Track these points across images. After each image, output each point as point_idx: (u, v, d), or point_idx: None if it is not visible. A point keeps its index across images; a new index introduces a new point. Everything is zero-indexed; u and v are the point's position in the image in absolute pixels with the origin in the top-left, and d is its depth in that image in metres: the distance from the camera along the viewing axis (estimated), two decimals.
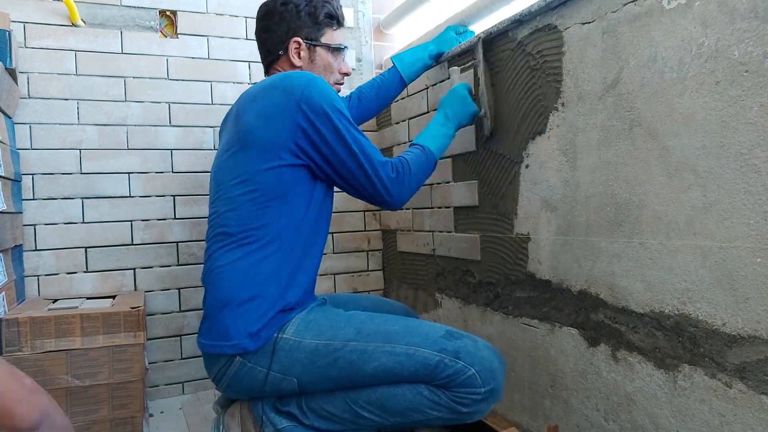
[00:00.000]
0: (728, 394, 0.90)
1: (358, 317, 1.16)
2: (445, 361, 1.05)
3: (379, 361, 1.07)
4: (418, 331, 1.10)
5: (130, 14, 1.81)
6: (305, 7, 1.30)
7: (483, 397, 1.05)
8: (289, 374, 1.11)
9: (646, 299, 1.04)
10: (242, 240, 1.15)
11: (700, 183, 0.92)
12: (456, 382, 1.05)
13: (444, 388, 1.06)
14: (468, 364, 1.05)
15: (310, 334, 1.12)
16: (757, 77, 0.83)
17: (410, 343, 1.08)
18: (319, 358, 1.09)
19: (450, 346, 1.07)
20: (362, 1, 2.18)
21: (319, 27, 1.32)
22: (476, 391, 1.05)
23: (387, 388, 1.09)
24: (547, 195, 1.26)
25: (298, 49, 1.31)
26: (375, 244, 2.17)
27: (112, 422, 1.39)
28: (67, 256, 1.72)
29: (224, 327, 1.12)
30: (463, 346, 1.07)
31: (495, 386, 1.06)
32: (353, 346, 1.09)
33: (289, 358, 1.10)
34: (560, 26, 1.20)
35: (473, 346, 1.08)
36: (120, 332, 1.40)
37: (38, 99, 1.69)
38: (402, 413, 1.08)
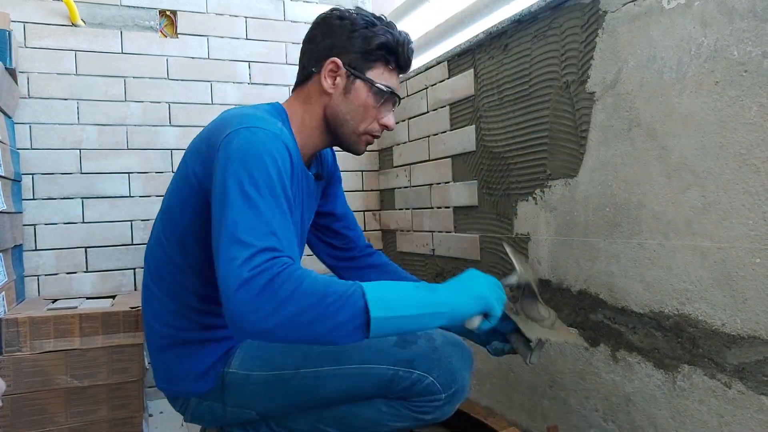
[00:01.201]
0: (727, 394, 0.90)
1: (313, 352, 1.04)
2: (399, 374, 0.98)
3: (331, 386, 1.00)
4: (368, 344, 0.95)
5: (130, 14, 1.81)
6: (362, 30, 1.02)
7: (445, 402, 0.99)
8: (246, 407, 1.05)
9: (646, 299, 1.03)
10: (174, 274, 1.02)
11: (699, 183, 0.92)
12: (413, 392, 0.98)
13: (402, 399, 1.00)
14: (424, 371, 0.97)
15: (257, 363, 1.02)
16: (756, 77, 0.83)
17: (361, 361, 0.99)
18: (271, 388, 1.02)
19: (403, 355, 0.98)
20: (362, 1, 2.18)
21: (368, 56, 1.03)
22: (437, 398, 0.99)
23: (347, 407, 1.03)
24: (547, 195, 1.26)
25: (334, 72, 1.02)
26: (375, 244, 2.17)
27: (111, 422, 1.39)
28: (66, 256, 1.72)
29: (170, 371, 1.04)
30: (417, 351, 0.98)
31: (457, 387, 0.99)
32: (304, 373, 1.01)
33: (241, 393, 1.03)
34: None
35: (429, 349, 0.99)
36: (119, 332, 1.40)
37: (38, 99, 1.69)
38: (365, 428, 1.04)
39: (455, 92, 1.60)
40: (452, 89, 1.62)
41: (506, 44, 1.38)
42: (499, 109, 1.41)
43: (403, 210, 1.95)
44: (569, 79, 1.18)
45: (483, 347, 1.11)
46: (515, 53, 1.35)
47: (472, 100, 1.52)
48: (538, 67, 1.27)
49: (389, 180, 2.06)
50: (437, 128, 1.70)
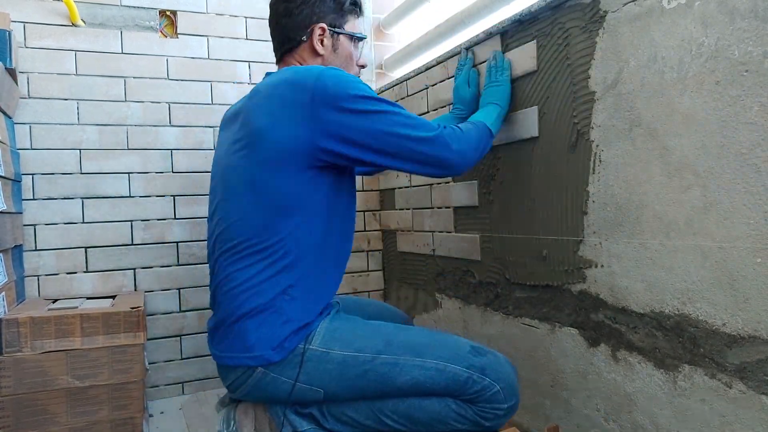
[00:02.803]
0: (728, 394, 0.90)
1: (386, 328, 1.14)
2: (473, 378, 1.07)
3: (410, 375, 1.07)
4: (445, 345, 1.11)
5: (130, 14, 1.81)
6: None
7: (505, 412, 1.08)
8: (315, 385, 1.08)
9: (647, 299, 1.03)
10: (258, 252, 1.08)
11: (700, 183, 0.92)
12: (483, 397, 1.07)
13: (471, 402, 1.08)
14: (493, 380, 1.07)
15: (337, 344, 1.08)
16: (757, 77, 0.83)
17: (440, 358, 1.08)
18: (348, 369, 1.07)
19: (477, 363, 1.08)
20: (362, 1, 2.17)
21: (343, 14, 1.24)
22: (500, 407, 1.08)
23: (416, 399, 1.09)
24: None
25: (321, 36, 1.21)
26: (375, 244, 2.17)
27: (112, 423, 1.39)
28: (67, 256, 1.72)
29: (243, 338, 1.07)
30: (488, 362, 1.09)
31: (515, 402, 1.09)
32: (384, 359, 1.07)
33: (316, 370, 1.07)
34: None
35: (497, 363, 1.10)
36: (120, 332, 1.40)
37: (38, 99, 1.69)
38: (427, 423, 1.10)
39: None
40: (452, 89, 1.61)
41: (507, 44, 1.38)
42: None
43: (404, 210, 1.95)
44: (570, 80, 1.18)
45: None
46: (515, 53, 1.35)
47: None
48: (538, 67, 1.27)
49: (389, 180, 2.07)
50: None
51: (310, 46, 1.22)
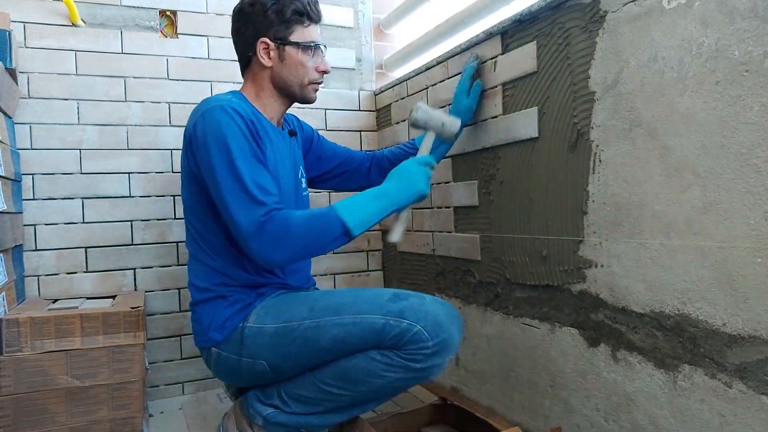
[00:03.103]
0: (728, 394, 0.90)
1: (313, 296, 1.22)
2: (390, 323, 1.09)
3: (330, 333, 1.12)
4: (365, 299, 1.15)
5: (130, 14, 1.81)
6: (272, 6, 1.26)
7: (434, 351, 1.08)
8: (257, 358, 1.19)
9: (646, 299, 1.03)
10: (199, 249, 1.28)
11: (700, 183, 0.92)
12: (404, 340, 1.09)
13: (394, 348, 1.10)
14: (413, 321, 1.09)
15: (269, 318, 1.19)
16: (757, 77, 0.83)
17: (357, 311, 1.12)
18: (280, 339, 1.16)
19: (395, 308, 1.11)
20: (362, 1, 2.18)
21: (287, 25, 1.27)
22: (425, 346, 1.08)
23: (344, 361, 1.14)
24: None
25: (266, 49, 1.28)
26: (375, 244, 2.17)
27: (112, 423, 1.39)
28: (67, 256, 1.72)
29: (200, 323, 1.26)
30: (407, 305, 1.11)
31: (445, 337, 1.09)
32: (307, 324, 1.15)
33: (254, 344, 1.18)
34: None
35: (418, 304, 1.11)
36: (120, 332, 1.40)
37: (38, 99, 1.69)
38: (363, 381, 1.12)
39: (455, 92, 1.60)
40: (452, 89, 1.61)
41: (507, 44, 1.38)
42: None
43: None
44: (570, 80, 1.18)
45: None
46: (515, 53, 1.35)
47: None
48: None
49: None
50: None
51: (257, 60, 1.29)
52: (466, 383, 1.62)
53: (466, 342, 1.60)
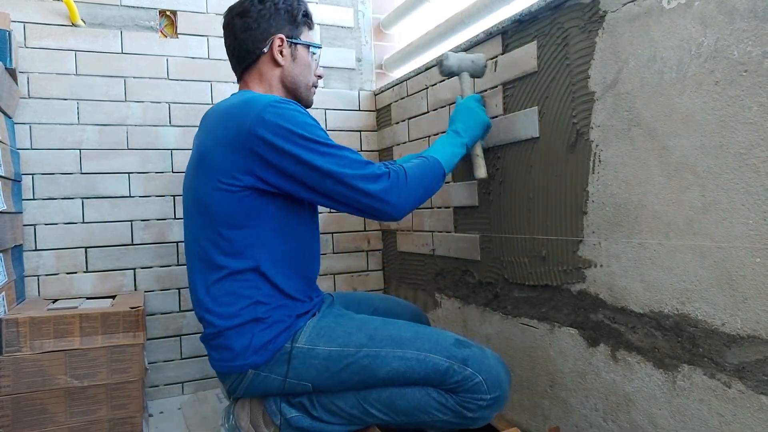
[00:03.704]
0: (727, 394, 0.90)
1: (371, 323, 1.18)
2: (454, 368, 1.09)
3: (390, 366, 1.11)
4: (428, 337, 1.14)
5: (130, 14, 1.81)
6: (282, 5, 1.27)
7: (488, 404, 1.09)
8: (303, 380, 1.14)
9: (646, 299, 1.03)
10: (219, 268, 1.15)
11: (699, 183, 0.92)
12: (464, 387, 1.08)
13: (452, 392, 1.10)
14: (475, 371, 1.08)
15: (323, 341, 1.15)
16: (756, 77, 0.83)
17: (421, 349, 1.11)
18: (333, 363, 1.13)
19: (459, 354, 1.10)
20: (362, 1, 2.18)
21: (297, 25, 1.29)
22: (482, 398, 1.08)
23: (398, 389, 1.12)
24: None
25: (281, 46, 1.27)
26: (375, 244, 2.17)
27: (111, 422, 1.39)
28: (67, 256, 1.72)
29: (229, 348, 1.15)
30: (471, 354, 1.11)
31: (501, 394, 1.09)
32: (366, 352, 1.12)
33: (303, 365, 1.14)
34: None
35: (481, 355, 1.11)
36: (119, 332, 1.40)
37: (38, 99, 1.69)
38: (410, 413, 1.12)
39: (455, 92, 1.60)
40: (452, 89, 1.62)
41: (507, 44, 1.38)
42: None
43: None
44: (570, 80, 1.18)
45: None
46: (515, 53, 1.35)
47: None
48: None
49: None
50: (437, 128, 1.70)
51: (270, 57, 1.27)
52: None
53: None
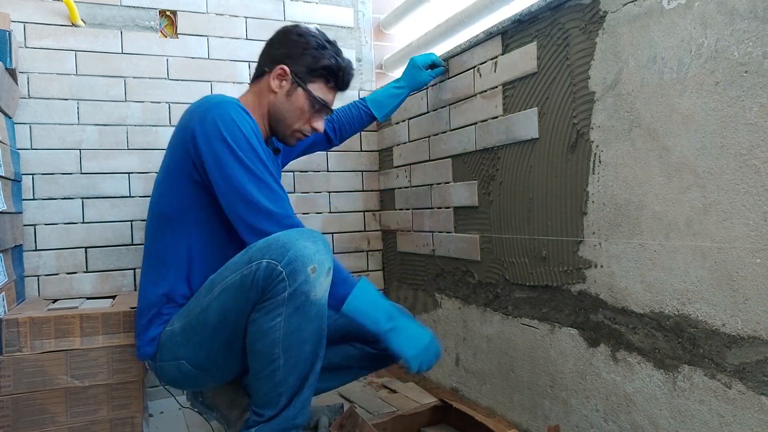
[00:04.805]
0: (728, 394, 0.90)
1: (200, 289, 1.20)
2: (243, 273, 1.07)
3: (212, 310, 1.13)
4: (228, 266, 1.13)
5: (130, 14, 1.81)
6: (314, 51, 1.27)
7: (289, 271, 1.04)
8: (178, 359, 1.19)
9: (646, 300, 1.03)
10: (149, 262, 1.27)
11: (700, 183, 0.92)
12: (261, 281, 1.05)
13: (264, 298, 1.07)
14: (258, 260, 1.06)
15: (177, 318, 1.21)
16: (757, 77, 0.83)
17: (222, 279, 1.12)
18: (186, 334, 1.18)
19: (245, 258, 1.09)
20: (362, 1, 2.18)
21: (313, 73, 1.28)
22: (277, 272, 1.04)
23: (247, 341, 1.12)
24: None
25: (281, 76, 1.27)
26: (375, 245, 2.17)
27: (112, 422, 1.39)
28: (67, 256, 1.72)
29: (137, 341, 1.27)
30: (253, 250, 1.09)
31: (291, 255, 1.04)
32: (197, 311, 1.16)
33: (171, 346, 1.20)
34: None
35: (262, 242, 1.08)
36: (119, 332, 1.40)
37: (38, 99, 1.69)
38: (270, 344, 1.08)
39: (455, 92, 1.60)
40: (452, 89, 1.62)
41: (507, 44, 1.38)
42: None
43: (403, 210, 1.95)
44: (570, 80, 1.18)
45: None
46: (515, 54, 1.35)
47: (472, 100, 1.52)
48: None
49: (389, 180, 2.07)
50: (437, 128, 1.71)
51: (268, 80, 1.28)
52: (466, 384, 1.62)
53: (466, 342, 1.61)
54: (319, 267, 1.06)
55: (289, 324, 1.07)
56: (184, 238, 1.22)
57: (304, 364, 1.11)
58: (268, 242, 1.07)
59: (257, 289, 1.07)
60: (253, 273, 1.06)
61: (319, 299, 1.08)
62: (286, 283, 1.04)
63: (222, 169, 1.13)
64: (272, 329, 1.07)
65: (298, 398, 1.13)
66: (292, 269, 1.04)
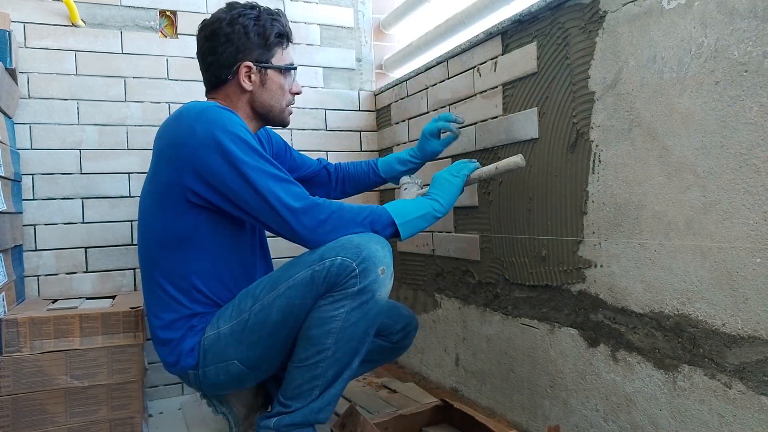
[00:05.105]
0: (728, 394, 0.90)
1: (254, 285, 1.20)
2: (315, 269, 1.09)
3: (275, 307, 1.13)
4: (293, 263, 1.15)
5: (130, 14, 1.81)
6: (254, 28, 1.21)
7: (361, 269, 1.07)
8: (227, 360, 1.17)
9: (646, 299, 1.03)
10: (157, 285, 1.20)
11: (700, 183, 0.92)
12: (332, 276, 1.08)
13: (332, 290, 1.09)
14: (332, 256, 1.08)
15: (222, 321, 1.18)
16: (757, 77, 0.83)
17: (288, 278, 1.13)
18: (237, 334, 1.16)
19: (315, 256, 1.11)
20: (362, 1, 2.18)
21: (269, 48, 1.24)
22: (351, 269, 1.07)
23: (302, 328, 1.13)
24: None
25: (248, 72, 1.23)
26: None
27: (112, 423, 1.39)
28: (67, 256, 1.72)
29: (166, 358, 1.22)
30: (325, 248, 1.10)
31: (366, 254, 1.07)
32: (255, 309, 1.15)
33: (218, 349, 1.17)
34: None
35: (333, 243, 1.10)
36: (119, 332, 1.40)
37: (38, 99, 1.69)
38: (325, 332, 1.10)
39: (455, 92, 1.60)
40: (452, 89, 1.62)
41: (507, 44, 1.38)
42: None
43: None
44: (570, 80, 1.18)
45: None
46: (515, 54, 1.35)
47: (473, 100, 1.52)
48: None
49: None
50: None
51: (236, 83, 1.24)
52: (466, 384, 1.62)
53: (466, 342, 1.60)
54: (387, 269, 1.10)
55: (349, 317, 1.10)
56: (191, 259, 1.19)
57: (346, 360, 1.14)
58: (342, 242, 1.10)
59: (328, 284, 1.09)
60: (326, 269, 1.08)
61: (382, 299, 1.11)
62: (358, 279, 1.08)
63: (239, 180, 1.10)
64: (333, 318, 1.10)
65: (329, 392, 1.16)
66: (365, 267, 1.07)
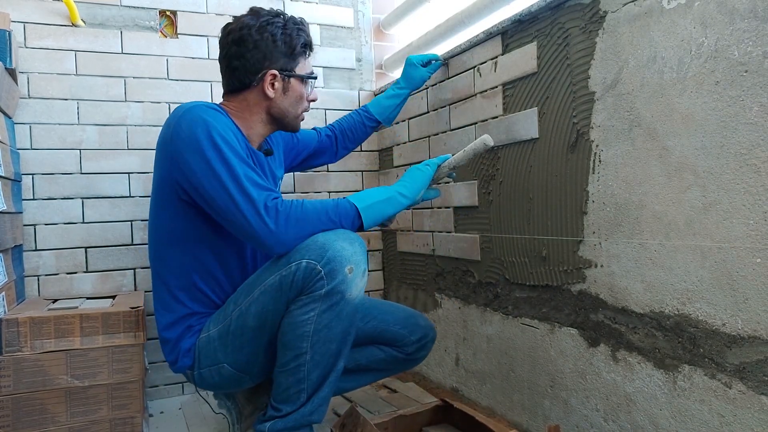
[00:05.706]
0: (728, 394, 0.90)
1: (237, 291, 1.23)
2: (283, 274, 1.10)
3: (251, 312, 1.15)
4: (266, 268, 1.16)
5: (130, 14, 1.81)
6: (281, 36, 1.23)
7: (327, 270, 1.06)
8: (219, 363, 1.21)
9: (646, 299, 1.03)
10: (160, 280, 1.27)
11: (700, 183, 0.92)
12: (300, 281, 1.08)
13: (301, 294, 1.09)
14: (297, 260, 1.08)
15: (213, 324, 1.23)
16: (757, 77, 0.83)
17: (261, 282, 1.14)
18: (224, 338, 1.20)
19: (283, 261, 1.11)
20: (362, 1, 2.18)
21: (294, 57, 1.26)
22: (316, 271, 1.06)
23: (278, 333, 1.14)
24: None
25: (273, 80, 1.25)
26: (375, 244, 2.17)
27: (112, 422, 1.39)
28: (67, 256, 1.72)
29: (167, 357, 1.28)
30: (292, 252, 1.10)
31: (331, 254, 1.06)
32: (236, 314, 1.18)
33: (210, 352, 1.22)
34: None
35: (301, 245, 1.10)
36: (119, 332, 1.40)
37: (38, 99, 1.69)
38: (299, 336, 1.10)
39: (455, 92, 1.60)
40: (452, 89, 1.62)
41: (507, 44, 1.38)
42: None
43: (404, 210, 1.95)
44: (570, 80, 1.18)
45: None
46: (515, 54, 1.35)
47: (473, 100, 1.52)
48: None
49: (389, 180, 2.06)
50: (437, 128, 1.71)
51: (260, 90, 1.26)
52: (466, 383, 1.62)
53: (466, 342, 1.61)
54: (356, 267, 1.09)
55: (321, 320, 1.09)
56: (190, 256, 1.24)
57: (328, 361, 1.14)
58: (307, 244, 1.09)
59: (296, 288, 1.09)
60: (292, 273, 1.08)
61: (354, 299, 1.10)
62: (325, 281, 1.07)
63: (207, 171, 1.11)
64: (304, 323, 1.10)
65: (318, 395, 1.16)
66: (331, 268, 1.07)
